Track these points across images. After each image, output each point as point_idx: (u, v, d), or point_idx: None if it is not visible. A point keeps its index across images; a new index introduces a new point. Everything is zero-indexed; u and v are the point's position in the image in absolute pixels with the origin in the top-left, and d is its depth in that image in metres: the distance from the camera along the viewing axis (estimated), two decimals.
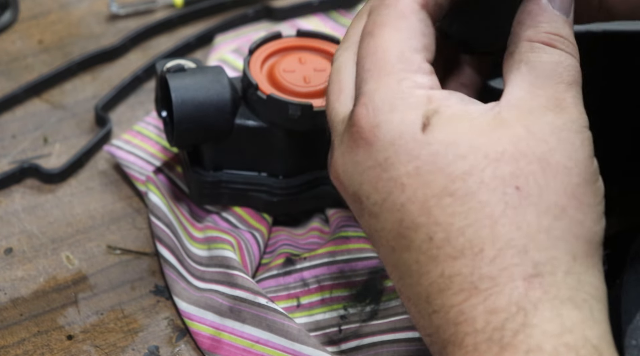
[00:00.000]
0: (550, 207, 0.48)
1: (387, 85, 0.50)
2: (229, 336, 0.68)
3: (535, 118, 0.50)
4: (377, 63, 0.51)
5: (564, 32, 0.53)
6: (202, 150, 0.74)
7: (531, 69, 0.52)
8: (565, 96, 0.52)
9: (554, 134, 0.50)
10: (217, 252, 0.72)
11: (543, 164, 0.48)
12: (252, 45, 0.74)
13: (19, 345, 0.69)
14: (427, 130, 0.49)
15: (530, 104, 0.50)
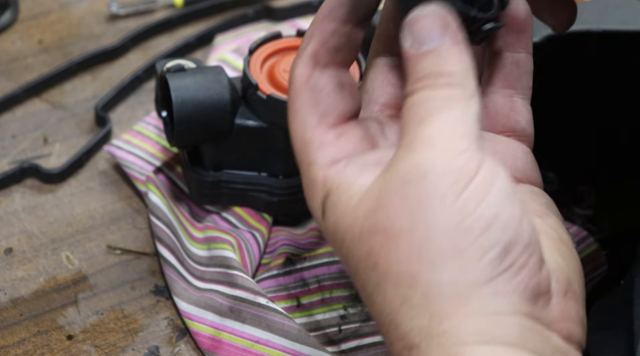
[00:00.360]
0: (401, 277, 0.49)
1: (302, 171, 0.53)
2: (229, 336, 0.68)
3: (391, 188, 0.50)
4: (295, 148, 0.54)
5: (431, 66, 0.51)
6: (202, 150, 0.74)
7: (403, 129, 0.51)
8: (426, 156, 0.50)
9: (409, 200, 0.50)
10: (217, 252, 0.72)
11: (388, 234, 0.49)
12: (252, 45, 0.74)
13: (19, 345, 0.69)
14: (324, 217, 0.52)
15: (392, 175, 0.50)
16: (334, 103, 0.54)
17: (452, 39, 0.51)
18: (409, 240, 0.49)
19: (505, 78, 0.58)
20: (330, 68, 0.54)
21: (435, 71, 0.50)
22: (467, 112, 0.50)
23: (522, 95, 0.58)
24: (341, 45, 0.54)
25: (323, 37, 0.54)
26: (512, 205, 0.49)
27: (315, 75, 0.54)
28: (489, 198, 0.49)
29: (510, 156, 0.57)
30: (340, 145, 0.53)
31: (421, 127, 0.50)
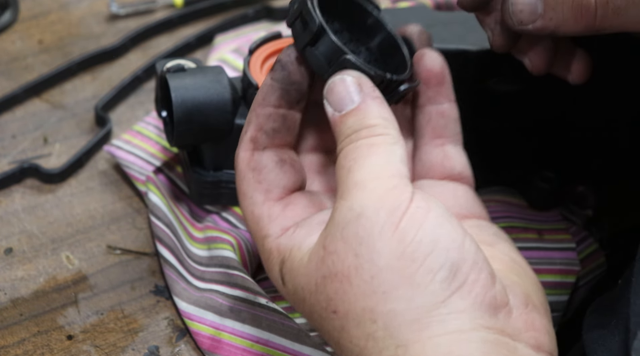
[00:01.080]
0: (361, 314, 0.52)
1: (259, 247, 0.58)
2: (229, 336, 0.68)
3: (333, 234, 0.54)
4: (248, 224, 0.59)
5: (353, 125, 0.56)
6: (202, 150, 0.74)
7: (337, 190, 0.55)
8: (354, 206, 0.54)
9: (350, 241, 0.53)
10: (217, 252, 0.72)
11: (339, 277, 0.53)
12: (252, 45, 0.74)
13: (19, 345, 0.69)
14: (284, 283, 0.56)
15: (328, 232, 0.54)
16: (276, 179, 0.58)
17: (368, 96, 0.55)
18: (359, 277, 0.52)
19: (434, 129, 0.62)
20: (269, 150, 0.58)
21: (358, 126, 0.55)
22: (391, 155, 0.54)
23: (452, 142, 0.62)
24: (277, 128, 0.58)
25: (259, 122, 0.58)
26: (452, 229, 0.52)
27: (256, 157, 0.58)
28: (426, 225, 0.52)
29: (451, 196, 0.61)
30: (287, 215, 0.57)
31: (351, 175, 0.54)
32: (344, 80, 0.56)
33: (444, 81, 0.62)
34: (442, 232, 0.52)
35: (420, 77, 0.62)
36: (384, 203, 0.52)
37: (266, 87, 0.59)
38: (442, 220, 0.53)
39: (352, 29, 0.61)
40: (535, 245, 0.74)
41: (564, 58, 0.64)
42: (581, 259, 0.74)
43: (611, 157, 0.78)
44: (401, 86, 0.57)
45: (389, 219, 0.52)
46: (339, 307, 0.53)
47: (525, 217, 0.76)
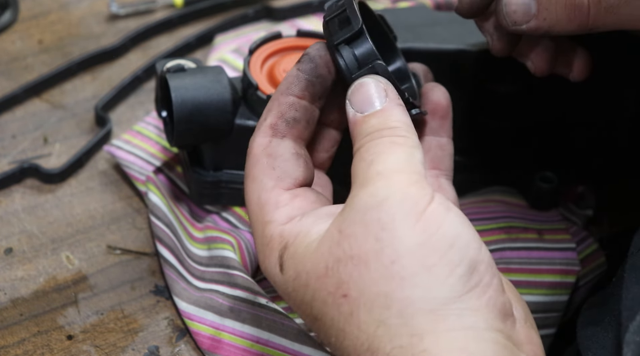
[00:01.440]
0: (375, 299, 0.52)
1: (257, 234, 0.58)
2: (229, 336, 0.68)
3: (352, 219, 0.54)
4: (250, 209, 0.59)
5: (375, 125, 0.56)
6: (202, 150, 0.74)
7: (353, 180, 0.55)
8: (375, 195, 0.54)
9: (371, 225, 0.53)
10: (217, 252, 0.72)
11: (355, 261, 0.53)
12: (252, 45, 0.74)
13: (19, 345, 0.69)
14: (283, 270, 0.56)
15: (345, 218, 0.54)
16: (290, 169, 0.58)
17: (393, 101, 0.56)
18: (378, 261, 0.52)
19: (432, 160, 0.63)
20: (287, 139, 0.59)
21: (382, 126, 0.55)
22: (412, 156, 0.54)
23: (445, 175, 0.63)
24: (298, 118, 0.59)
25: (281, 110, 0.59)
26: (470, 229, 0.53)
27: (274, 144, 0.59)
28: (448, 221, 0.52)
29: None
30: (295, 205, 0.57)
31: (373, 166, 0.54)
32: (372, 83, 0.57)
33: (447, 116, 0.63)
34: (462, 230, 0.53)
35: (427, 108, 0.63)
36: (408, 193, 0.53)
37: (291, 77, 0.59)
38: (461, 220, 0.53)
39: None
40: (536, 245, 0.74)
41: (565, 57, 0.65)
42: (581, 259, 0.74)
43: (611, 157, 0.78)
44: (413, 110, 0.59)
45: (413, 208, 0.52)
46: (351, 291, 0.52)
47: (525, 217, 0.76)
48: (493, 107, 0.75)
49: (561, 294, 0.72)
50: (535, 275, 0.72)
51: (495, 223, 0.74)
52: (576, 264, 0.73)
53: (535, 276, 0.72)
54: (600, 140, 0.77)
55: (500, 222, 0.75)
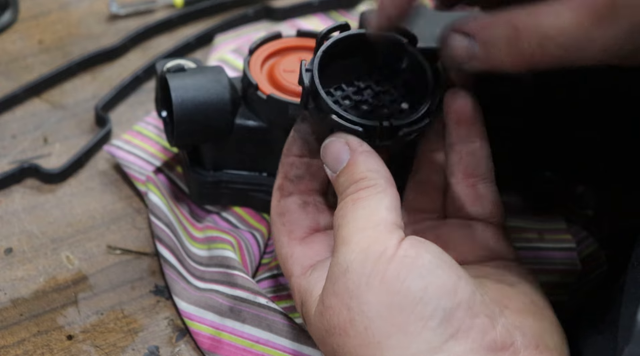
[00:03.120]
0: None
1: (290, 286, 0.62)
2: (229, 336, 0.68)
3: (327, 290, 0.56)
4: (283, 271, 0.63)
5: (346, 182, 0.58)
6: (202, 150, 0.74)
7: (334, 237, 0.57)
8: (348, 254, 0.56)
9: (341, 296, 0.55)
10: (218, 252, 0.72)
11: (338, 331, 0.55)
12: (252, 45, 0.74)
13: (19, 345, 0.69)
14: (306, 322, 0.59)
15: (329, 276, 0.57)
16: (298, 219, 0.61)
17: (355, 152, 0.57)
18: (354, 329, 0.53)
19: (465, 169, 0.62)
20: (294, 195, 0.62)
21: (348, 183, 0.57)
22: (376, 205, 0.55)
23: (483, 180, 0.62)
24: (301, 174, 0.62)
25: (284, 170, 0.62)
26: (443, 274, 0.53)
27: (282, 203, 0.62)
28: (414, 273, 0.53)
29: (480, 239, 0.61)
30: (308, 254, 0.60)
31: (339, 232, 0.56)
32: (334, 142, 0.58)
33: (475, 120, 0.62)
34: (431, 279, 0.53)
35: (450, 117, 0.62)
36: (368, 255, 0.54)
37: (290, 138, 0.62)
38: (432, 266, 0.53)
39: (382, 58, 0.62)
40: (536, 245, 0.74)
41: None
42: (581, 259, 0.74)
43: (611, 158, 0.78)
44: (401, 131, 0.59)
45: (375, 269, 0.53)
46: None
47: (525, 217, 0.76)
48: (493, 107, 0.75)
49: (561, 294, 0.72)
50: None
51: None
52: (576, 264, 0.73)
53: None
54: (600, 140, 0.77)
55: None
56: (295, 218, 0.61)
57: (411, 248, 0.54)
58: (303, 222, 0.61)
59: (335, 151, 0.58)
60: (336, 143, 0.58)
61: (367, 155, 0.57)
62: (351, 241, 0.55)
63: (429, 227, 0.63)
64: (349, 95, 0.60)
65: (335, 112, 0.58)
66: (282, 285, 0.71)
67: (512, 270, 0.60)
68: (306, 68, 0.60)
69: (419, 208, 0.64)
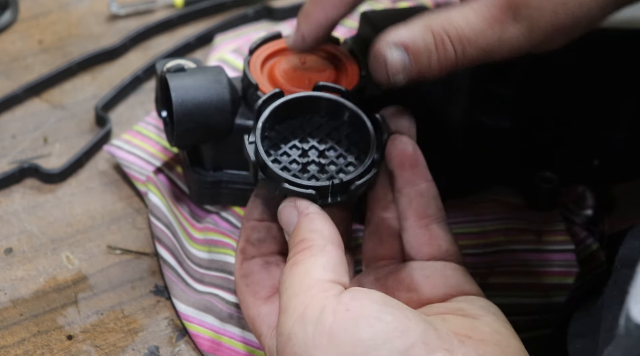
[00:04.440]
0: None
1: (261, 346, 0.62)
2: (229, 341, 0.68)
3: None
4: (252, 331, 0.64)
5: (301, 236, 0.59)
6: (202, 150, 0.74)
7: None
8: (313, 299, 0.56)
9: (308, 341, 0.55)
10: (219, 257, 0.72)
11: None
12: (252, 45, 0.74)
13: (19, 345, 0.69)
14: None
15: (277, 348, 0.57)
16: (262, 279, 0.62)
17: (301, 215, 0.59)
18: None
19: (416, 211, 0.63)
20: (256, 258, 0.63)
21: (292, 245, 0.58)
22: (311, 266, 0.56)
23: (436, 220, 0.63)
24: (262, 238, 0.63)
25: (246, 234, 0.63)
26: (392, 318, 0.53)
27: (244, 265, 0.63)
28: (361, 322, 0.53)
29: (440, 276, 0.62)
30: (273, 313, 0.61)
31: (280, 300, 0.57)
32: (285, 206, 0.60)
33: (417, 163, 0.63)
34: (380, 325, 0.53)
35: (394, 162, 0.63)
36: (307, 318, 0.54)
37: (250, 203, 0.64)
38: (379, 313, 0.54)
39: (322, 114, 0.64)
40: (534, 247, 0.74)
41: None
42: (581, 259, 0.74)
43: (611, 157, 0.78)
44: (353, 185, 0.61)
45: (318, 330, 0.54)
46: None
47: (524, 218, 0.76)
48: (493, 107, 0.75)
49: (560, 295, 0.72)
50: (534, 277, 0.72)
51: (493, 225, 0.74)
52: (575, 266, 0.73)
53: (534, 279, 0.72)
54: (600, 140, 0.77)
55: (499, 224, 0.75)
56: (258, 278, 0.62)
57: (353, 300, 0.54)
58: (266, 281, 0.62)
59: (286, 215, 0.60)
60: (287, 207, 0.60)
61: (311, 217, 0.59)
62: (288, 308, 0.56)
63: (390, 272, 0.63)
64: (296, 158, 0.62)
65: (286, 180, 0.60)
66: None
67: (474, 303, 0.60)
68: (249, 141, 0.62)
69: (378, 256, 0.65)
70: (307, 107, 0.64)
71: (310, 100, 0.64)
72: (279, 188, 0.60)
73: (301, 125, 0.64)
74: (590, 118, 0.76)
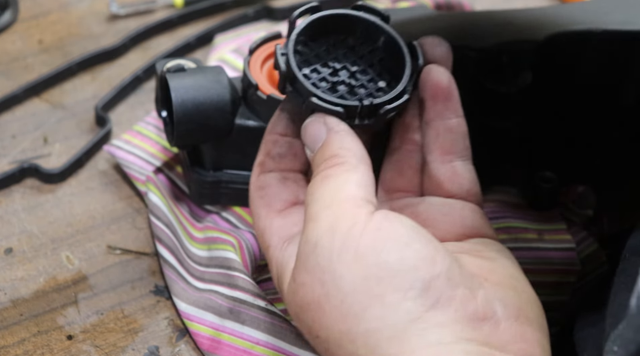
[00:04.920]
0: (340, 337, 0.54)
1: (266, 259, 0.60)
2: (228, 337, 0.68)
3: (298, 267, 0.56)
4: (259, 244, 0.62)
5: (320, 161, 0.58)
6: (202, 150, 0.74)
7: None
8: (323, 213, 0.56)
9: (313, 271, 0.55)
10: (218, 253, 0.72)
11: (313, 306, 0.55)
12: (252, 45, 0.74)
13: (19, 345, 0.69)
14: (283, 296, 0.58)
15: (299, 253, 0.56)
16: (277, 192, 0.60)
17: (331, 131, 0.58)
18: (329, 303, 0.53)
19: (442, 145, 0.62)
20: (274, 172, 0.61)
21: (320, 161, 0.57)
22: (345, 182, 0.56)
23: (461, 157, 0.62)
24: (283, 153, 0.61)
25: (267, 148, 0.61)
26: (420, 246, 0.53)
27: (261, 177, 0.61)
28: (390, 244, 0.53)
29: (458, 215, 0.61)
30: (286, 226, 0.59)
31: (307, 210, 0.56)
32: (312, 122, 0.59)
33: (451, 96, 0.62)
34: (409, 251, 0.53)
35: (427, 92, 0.61)
36: (336, 230, 0.54)
37: (275, 117, 0.62)
38: (409, 239, 0.53)
39: (357, 36, 0.62)
40: (535, 245, 0.74)
41: None
42: (581, 259, 0.74)
43: (611, 157, 0.78)
44: (382, 108, 0.59)
45: (345, 245, 0.53)
46: (320, 332, 0.54)
47: (525, 217, 0.76)
48: (493, 107, 0.75)
49: (561, 294, 0.72)
50: (535, 275, 0.72)
51: (494, 224, 0.74)
52: (576, 264, 0.73)
53: (535, 277, 0.72)
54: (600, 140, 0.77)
55: (500, 222, 0.75)
56: (274, 191, 0.61)
57: (385, 221, 0.54)
58: (282, 195, 0.61)
59: (313, 131, 0.58)
60: (315, 123, 0.58)
61: (343, 134, 0.58)
62: (318, 218, 0.55)
63: (407, 205, 0.62)
64: (325, 77, 0.60)
65: (315, 94, 0.58)
66: None
67: (490, 246, 0.60)
68: (281, 52, 0.60)
69: (397, 187, 0.63)
70: (342, 26, 0.61)
71: (347, 19, 0.61)
72: (307, 103, 0.58)
73: (334, 44, 0.62)
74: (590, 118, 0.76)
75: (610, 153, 0.78)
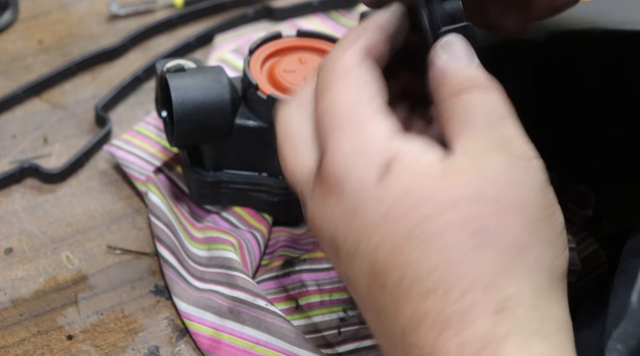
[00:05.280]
0: (509, 246, 0.50)
1: (349, 137, 0.53)
2: (228, 337, 0.68)
3: (484, 162, 0.52)
4: (336, 118, 0.54)
5: (476, 75, 0.55)
6: (202, 150, 0.74)
7: (464, 120, 0.53)
8: (504, 132, 0.53)
9: (504, 174, 0.51)
10: (219, 253, 0.72)
11: (497, 205, 0.50)
12: (252, 45, 0.74)
13: (19, 345, 0.69)
14: (387, 178, 0.51)
15: (477, 150, 0.52)
16: (384, 87, 0.55)
17: (475, 60, 0.55)
18: (520, 214, 0.50)
19: None
20: (378, 65, 0.56)
21: (466, 82, 0.54)
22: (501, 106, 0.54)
23: None
24: (385, 55, 0.56)
25: (375, 41, 0.56)
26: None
27: (368, 62, 0.55)
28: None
29: None
30: (391, 122, 0.53)
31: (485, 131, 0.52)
32: (460, 40, 0.55)
33: None
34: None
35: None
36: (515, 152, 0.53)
37: (388, 16, 0.57)
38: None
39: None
40: None
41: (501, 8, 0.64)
42: (581, 259, 0.74)
43: (611, 157, 0.78)
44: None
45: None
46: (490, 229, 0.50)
47: None
48: None
49: None
50: None
51: None
52: (576, 264, 0.73)
53: None
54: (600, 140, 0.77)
55: None
56: (382, 85, 0.55)
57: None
58: (386, 90, 0.55)
59: (460, 48, 0.55)
60: (465, 43, 0.55)
61: (480, 65, 0.56)
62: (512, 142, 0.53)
63: None
64: None
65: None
66: (283, 286, 0.71)
67: None
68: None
69: None
70: None
71: None
72: (461, 27, 0.55)
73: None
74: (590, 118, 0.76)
75: (610, 153, 0.78)
